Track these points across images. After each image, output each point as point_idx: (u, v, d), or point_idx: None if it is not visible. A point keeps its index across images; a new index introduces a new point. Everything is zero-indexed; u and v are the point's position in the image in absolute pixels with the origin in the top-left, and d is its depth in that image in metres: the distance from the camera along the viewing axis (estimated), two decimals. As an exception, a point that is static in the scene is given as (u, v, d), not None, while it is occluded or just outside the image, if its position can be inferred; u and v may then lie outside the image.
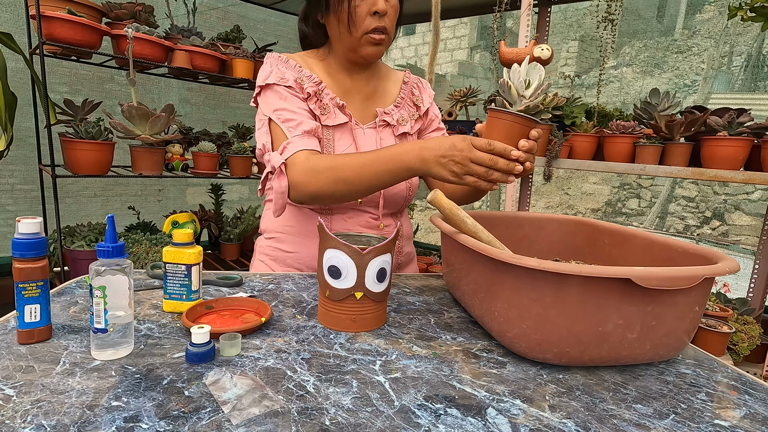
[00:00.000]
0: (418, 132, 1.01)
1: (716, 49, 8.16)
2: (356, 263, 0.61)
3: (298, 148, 0.80)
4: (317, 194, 0.79)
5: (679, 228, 6.33)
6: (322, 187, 0.78)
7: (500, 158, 0.66)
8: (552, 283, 0.50)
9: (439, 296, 0.81)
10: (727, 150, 1.44)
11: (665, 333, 0.53)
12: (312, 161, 0.78)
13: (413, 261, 1.06)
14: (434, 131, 1.02)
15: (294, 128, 0.82)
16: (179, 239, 0.65)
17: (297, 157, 0.79)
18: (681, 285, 0.49)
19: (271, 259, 0.96)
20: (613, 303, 0.50)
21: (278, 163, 0.80)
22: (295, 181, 0.79)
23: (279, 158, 0.80)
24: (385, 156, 0.75)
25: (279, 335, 0.61)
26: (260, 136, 0.86)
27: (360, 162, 0.76)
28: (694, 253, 0.63)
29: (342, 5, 0.81)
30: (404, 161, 0.73)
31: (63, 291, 0.72)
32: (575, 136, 1.72)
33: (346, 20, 0.81)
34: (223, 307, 0.68)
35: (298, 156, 0.79)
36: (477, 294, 0.63)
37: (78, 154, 1.53)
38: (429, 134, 1.01)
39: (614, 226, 0.80)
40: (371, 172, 0.75)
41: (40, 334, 0.54)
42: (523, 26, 1.70)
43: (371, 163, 0.75)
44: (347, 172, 0.76)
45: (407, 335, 0.63)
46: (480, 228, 0.64)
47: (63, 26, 1.48)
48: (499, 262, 0.54)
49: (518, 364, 0.57)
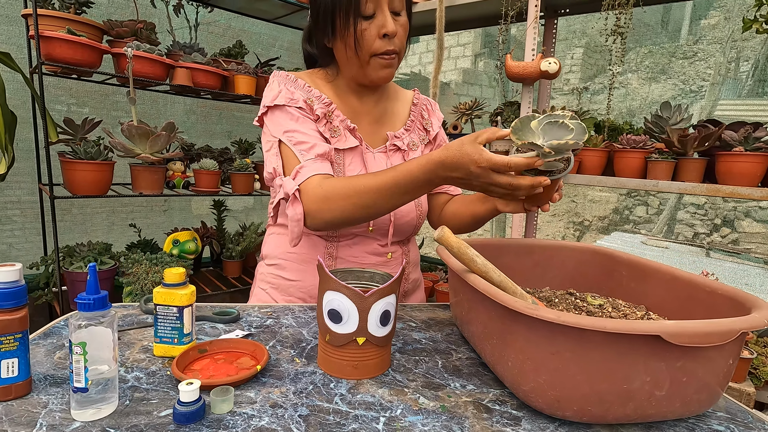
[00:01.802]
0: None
1: (722, 55, 8.10)
2: (358, 307, 0.57)
3: (312, 173, 0.76)
4: (333, 221, 0.75)
5: (688, 236, 6.22)
6: (338, 214, 0.73)
7: (522, 182, 0.62)
8: (572, 337, 0.46)
9: (446, 332, 0.77)
10: (743, 166, 1.38)
11: (697, 389, 0.48)
12: (325, 187, 0.74)
13: (420, 287, 1.02)
14: None
15: (307, 151, 0.78)
16: (170, 279, 0.61)
17: (310, 183, 0.75)
18: (715, 341, 0.44)
19: (273, 287, 0.92)
20: (640, 359, 0.45)
21: (292, 189, 0.75)
22: (309, 208, 0.75)
23: (292, 184, 0.76)
24: (402, 178, 0.70)
25: (275, 384, 0.57)
26: (270, 159, 0.82)
27: (377, 185, 0.71)
28: (722, 294, 0.58)
29: (349, 30, 0.77)
30: (422, 182, 0.69)
31: (50, 332, 0.68)
32: (584, 151, 1.68)
33: (353, 45, 0.78)
34: (217, 349, 0.64)
35: (311, 181, 0.75)
36: (488, 339, 0.58)
37: (77, 174, 1.51)
38: None
39: (633, 257, 0.75)
40: (390, 194, 0.71)
41: (18, 389, 0.50)
42: (530, 39, 1.66)
43: (388, 187, 0.71)
44: (364, 198, 0.72)
45: (413, 383, 0.59)
46: (491, 267, 0.60)
47: (62, 46, 1.46)
48: (512, 310, 0.50)
49: (534, 420, 0.52)
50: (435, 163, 0.67)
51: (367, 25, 0.77)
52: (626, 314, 0.67)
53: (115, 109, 2.29)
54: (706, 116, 7.01)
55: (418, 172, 0.69)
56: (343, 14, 0.76)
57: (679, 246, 5.77)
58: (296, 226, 0.76)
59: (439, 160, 0.66)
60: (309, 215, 0.75)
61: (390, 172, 0.71)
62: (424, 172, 0.68)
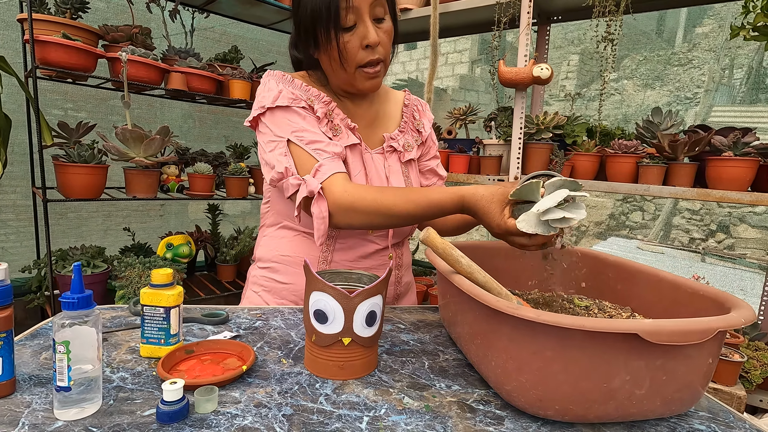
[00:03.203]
0: (419, 157, 0.98)
1: (716, 62, 8.18)
2: (343, 307, 0.57)
3: (333, 171, 0.75)
4: (354, 227, 0.77)
5: (684, 241, 6.25)
6: (361, 223, 0.76)
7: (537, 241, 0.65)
8: (553, 336, 0.46)
9: (434, 333, 0.77)
10: (733, 170, 1.40)
11: (677, 388, 0.49)
12: (352, 194, 0.74)
13: (412, 290, 1.02)
14: (431, 159, 1.00)
15: (322, 150, 0.77)
16: (157, 280, 0.61)
17: (334, 182, 0.75)
18: (693, 340, 0.45)
19: (265, 290, 0.92)
20: (619, 358, 0.46)
21: (316, 187, 0.74)
22: (335, 210, 0.74)
23: (315, 182, 0.74)
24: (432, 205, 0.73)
25: (261, 385, 0.57)
26: (278, 159, 0.78)
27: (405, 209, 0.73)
28: (705, 296, 0.59)
29: (331, 43, 0.76)
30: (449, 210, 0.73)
31: (37, 333, 0.68)
32: (576, 156, 1.69)
33: (338, 57, 0.77)
34: (204, 350, 0.64)
35: (334, 180, 0.75)
36: (473, 339, 0.59)
37: (70, 177, 1.51)
38: (427, 162, 0.99)
39: (620, 259, 0.76)
40: (412, 219, 0.75)
41: (3, 389, 0.50)
42: (522, 45, 1.68)
43: (417, 213, 0.74)
44: (390, 219, 0.75)
45: (399, 383, 0.59)
46: (476, 268, 0.60)
47: (57, 50, 1.47)
48: (495, 310, 0.50)
49: (517, 419, 0.52)
50: (465, 204, 0.71)
51: (349, 37, 0.76)
52: (612, 315, 0.68)
53: (112, 113, 2.29)
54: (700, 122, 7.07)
55: (446, 203, 0.73)
56: (324, 28, 0.75)
57: (674, 251, 5.79)
58: (322, 224, 0.75)
59: (469, 204, 0.71)
60: (334, 215, 0.75)
61: (421, 198, 0.74)
62: (452, 203, 0.73)
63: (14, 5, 1.88)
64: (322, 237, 0.75)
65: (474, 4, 1.83)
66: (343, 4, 0.73)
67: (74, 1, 1.64)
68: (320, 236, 0.75)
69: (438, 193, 0.73)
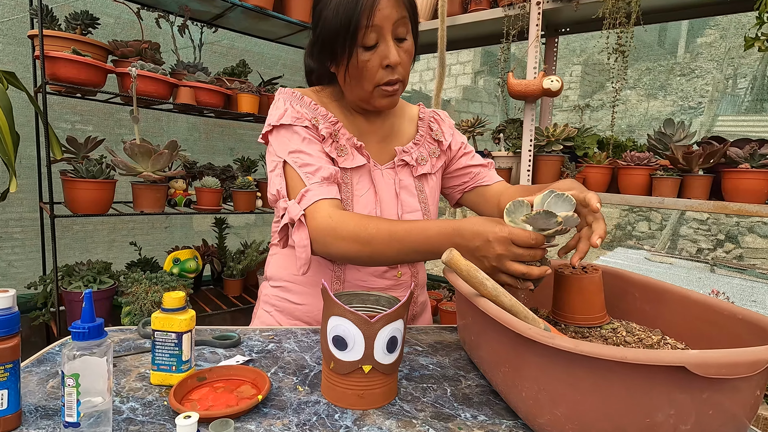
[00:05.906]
0: (444, 167, 0.95)
1: (720, 71, 8.18)
2: (364, 333, 0.55)
3: (318, 197, 0.74)
4: (336, 257, 0.74)
5: (692, 251, 6.18)
6: (343, 253, 0.71)
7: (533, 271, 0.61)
8: (590, 367, 0.43)
9: (454, 357, 0.74)
10: (750, 182, 1.37)
11: (723, 422, 0.46)
12: (336, 219, 0.71)
13: (427, 309, 0.99)
14: (464, 156, 0.96)
15: (312, 174, 0.76)
16: (169, 304, 0.59)
17: (317, 208, 0.73)
18: (743, 373, 0.42)
19: (277, 310, 0.90)
20: (663, 391, 0.43)
21: (297, 215, 0.73)
22: (316, 236, 0.72)
23: (297, 209, 0.73)
24: (415, 236, 0.68)
25: (277, 416, 0.54)
26: (273, 180, 0.79)
27: (389, 235, 0.69)
28: (743, 320, 0.56)
29: (350, 60, 0.74)
30: (434, 245, 0.67)
31: (43, 358, 0.66)
32: (588, 168, 1.67)
33: (356, 74, 0.76)
34: (216, 377, 0.61)
35: (318, 207, 0.73)
36: (499, 367, 0.56)
37: (78, 193, 1.50)
38: (458, 161, 0.95)
39: (645, 278, 0.73)
40: (399, 249, 0.69)
41: (7, 423, 0.48)
42: (531, 58, 1.67)
43: (400, 239, 0.68)
44: (374, 246, 0.69)
45: (422, 413, 0.56)
46: (501, 291, 0.58)
47: (67, 66, 1.47)
48: (525, 337, 0.47)
49: (551, 454, 0.49)
50: (453, 228, 0.65)
51: (370, 55, 0.74)
52: (641, 338, 0.65)
53: (119, 127, 2.29)
54: (705, 132, 7.05)
55: (432, 232, 0.67)
56: (344, 45, 0.73)
57: (683, 262, 5.72)
58: (303, 252, 0.73)
59: (458, 227, 0.65)
60: (315, 242, 0.73)
61: (406, 225, 0.69)
62: (438, 233, 0.66)
63: (25, 22, 1.89)
64: (305, 265, 0.74)
65: (482, 17, 1.82)
66: (365, 22, 0.71)
67: (84, 17, 1.65)
68: (302, 265, 0.74)
69: (426, 221, 0.70)
